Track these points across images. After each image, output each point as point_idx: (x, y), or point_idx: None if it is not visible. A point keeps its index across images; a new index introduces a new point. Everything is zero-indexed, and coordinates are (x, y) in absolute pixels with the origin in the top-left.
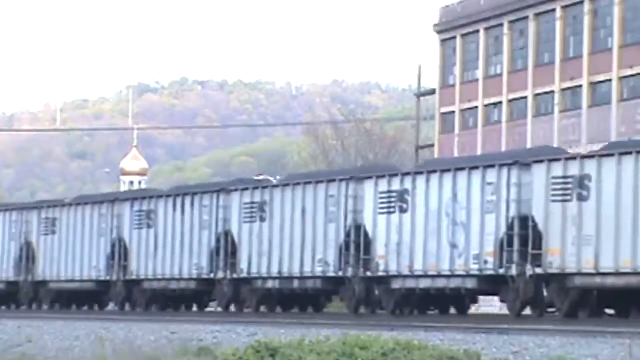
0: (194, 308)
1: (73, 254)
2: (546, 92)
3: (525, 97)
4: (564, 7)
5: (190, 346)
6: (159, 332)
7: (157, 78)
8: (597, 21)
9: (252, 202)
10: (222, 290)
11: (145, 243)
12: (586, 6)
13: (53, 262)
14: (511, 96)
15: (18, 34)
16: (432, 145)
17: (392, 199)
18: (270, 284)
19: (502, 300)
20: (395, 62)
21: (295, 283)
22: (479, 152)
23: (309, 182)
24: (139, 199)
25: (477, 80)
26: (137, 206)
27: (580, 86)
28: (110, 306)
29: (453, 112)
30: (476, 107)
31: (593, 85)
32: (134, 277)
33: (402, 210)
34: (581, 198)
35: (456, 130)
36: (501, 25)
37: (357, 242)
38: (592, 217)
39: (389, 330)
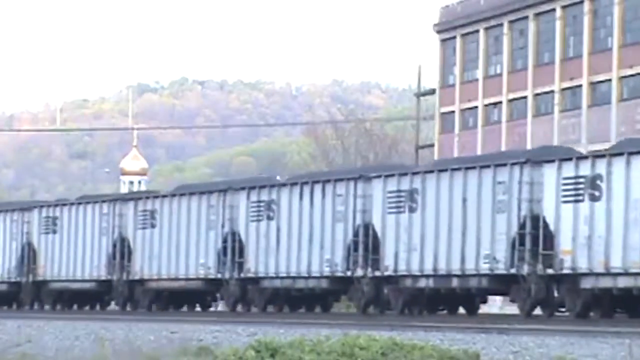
0: (318, 309)
1: (177, 249)
2: (546, 92)
3: (525, 97)
4: (564, 7)
5: (190, 346)
6: (159, 332)
7: (157, 78)
8: (597, 21)
9: (400, 191)
10: (360, 290)
11: (266, 237)
12: (586, 6)
13: (152, 259)
14: (511, 96)
15: (18, 33)
16: (432, 145)
17: (580, 186)
18: (422, 282)
19: None
20: (395, 62)
21: (455, 282)
22: (479, 152)
23: (472, 168)
24: (256, 188)
25: (477, 80)
26: (255, 196)
27: (580, 86)
28: (215, 307)
29: (453, 112)
30: (476, 107)
31: (593, 85)
32: (251, 275)
33: (594, 199)
34: None
35: (456, 130)
36: (501, 25)
37: (535, 235)
38: None
39: (389, 330)
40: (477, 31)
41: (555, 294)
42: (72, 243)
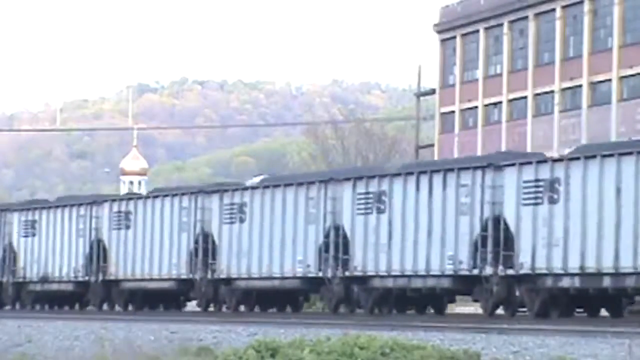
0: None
1: (270, 246)
2: (546, 92)
3: (525, 97)
4: (564, 7)
5: (190, 346)
6: (159, 332)
7: (157, 78)
8: (597, 21)
9: (537, 180)
10: (488, 289)
11: (375, 232)
12: (586, 6)
13: (241, 256)
14: (511, 96)
15: (18, 33)
16: (432, 145)
17: None
18: (566, 282)
19: None
20: (395, 62)
21: (607, 281)
22: (479, 152)
23: (628, 154)
24: (364, 179)
25: (477, 80)
26: (363, 187)
27: (580, 86)
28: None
29: (453, 112)
30: (476, 107)
31: (593, 85)
32: (358, 273)
33: None
34: None
35: (456, 130)
36: (501, 25)
37: None
38: None
39: (389, 330)
40: (477, 31)
41: None
42: (148, 239)
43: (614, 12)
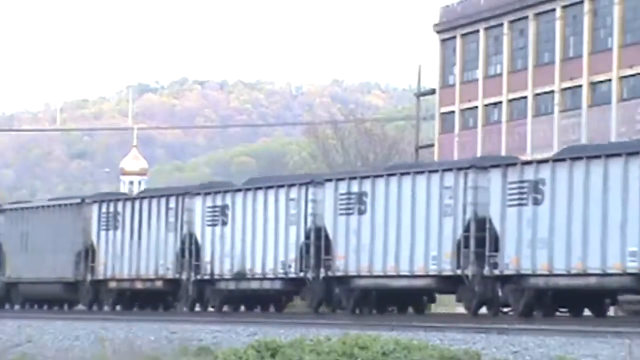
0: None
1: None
2: (546, 92)
3: (525, 97)
4: (564, 7)
5: (190, 346)
6: (159, 332)
7: (157, 78)
8: (597, 21)
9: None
10: None
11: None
12: (586, 6)
13: (540, 248)
14: (511, 96)
15: (18, 33)
16: (432, 145)
17: None
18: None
19: None
20: (395, 62)
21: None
22: (479, 152)
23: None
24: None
25: (477, 80)
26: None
27: (580, 86)
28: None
29: (453, 112)
30: (476, 107)
31: (593, 85)
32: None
33: None
34: None
35: (456, 130)
36: (501, 25)
37: None
38: None
39: (389, 330)
40: (477, 31)
41: None
42: (393, 227)
43: (614, 12)
